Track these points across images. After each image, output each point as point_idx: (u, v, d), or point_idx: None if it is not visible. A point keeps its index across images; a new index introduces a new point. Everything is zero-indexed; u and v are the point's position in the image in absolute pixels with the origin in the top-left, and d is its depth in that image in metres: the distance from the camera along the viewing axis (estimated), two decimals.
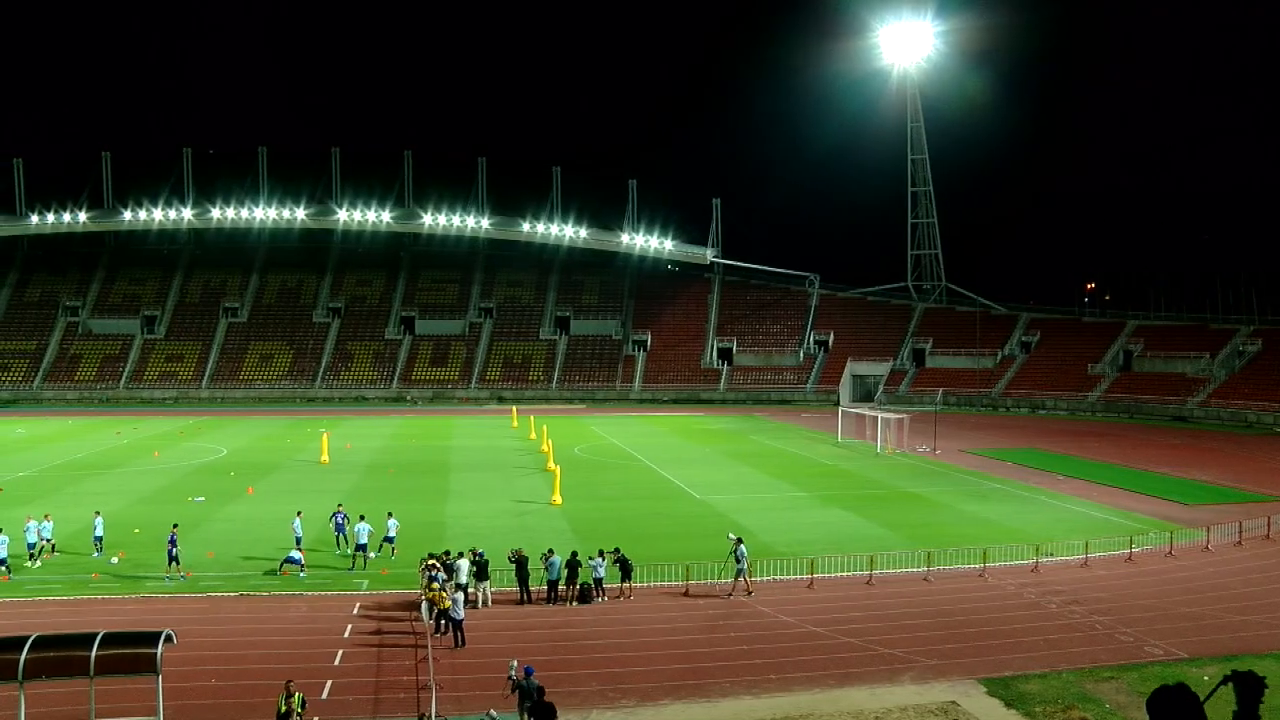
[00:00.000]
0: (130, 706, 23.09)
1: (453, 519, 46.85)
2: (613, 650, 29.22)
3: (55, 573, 37.24)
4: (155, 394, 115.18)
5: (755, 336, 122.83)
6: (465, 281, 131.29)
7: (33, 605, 33.17)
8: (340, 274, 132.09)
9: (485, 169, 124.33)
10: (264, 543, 40.88)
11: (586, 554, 34.56)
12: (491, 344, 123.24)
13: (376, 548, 38.61)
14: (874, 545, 40.10)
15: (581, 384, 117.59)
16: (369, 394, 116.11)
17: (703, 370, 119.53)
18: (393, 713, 24.76)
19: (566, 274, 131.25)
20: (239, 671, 27.26)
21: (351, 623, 31.34)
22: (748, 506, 50.11)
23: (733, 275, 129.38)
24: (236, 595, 34.37)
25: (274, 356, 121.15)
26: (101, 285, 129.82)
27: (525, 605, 33.21)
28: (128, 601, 33.64)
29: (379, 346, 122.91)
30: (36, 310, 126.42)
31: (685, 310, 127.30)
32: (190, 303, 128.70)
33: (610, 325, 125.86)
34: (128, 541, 41.23)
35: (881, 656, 28.39)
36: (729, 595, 34.04)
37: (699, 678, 26.88)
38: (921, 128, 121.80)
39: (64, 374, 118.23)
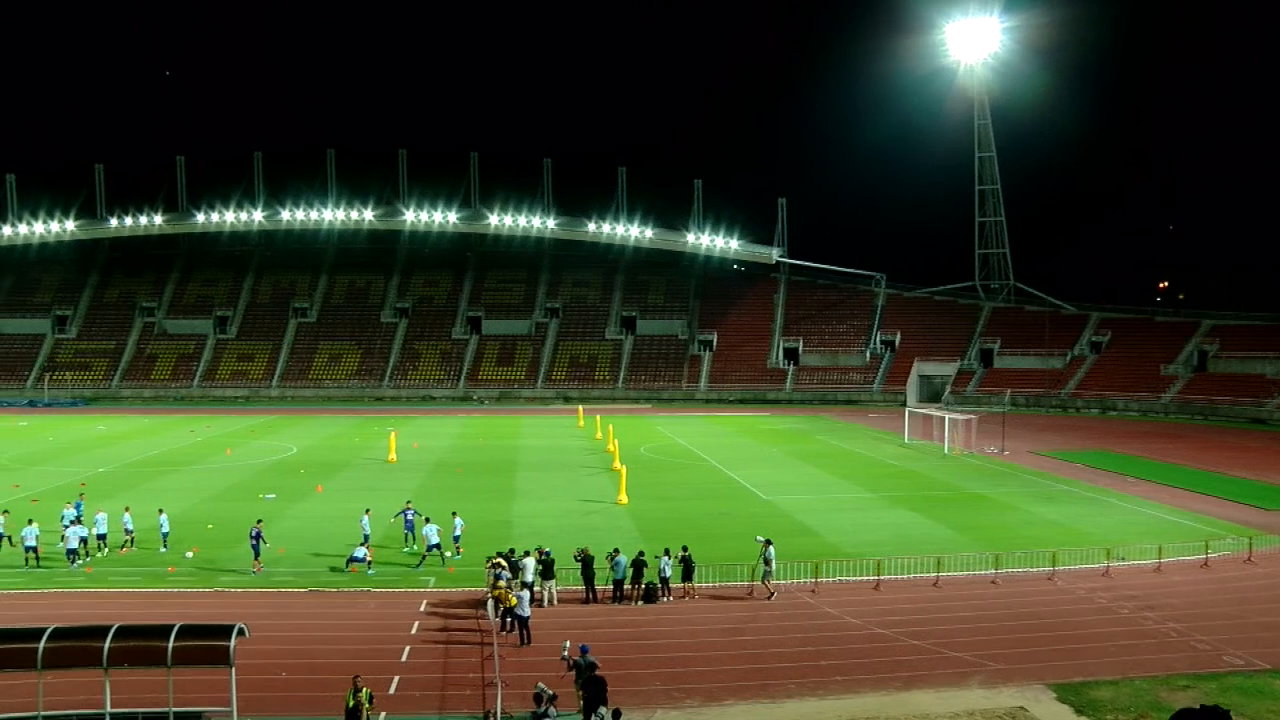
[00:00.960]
0: (205, 697, 23.55)
1: (519, 518, 47.13)
2: (677, 650, 29.22)
3: (135, 565, 38.18)
4: (227, 393, 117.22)
5: (821, 336, 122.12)
6: (531, 281, 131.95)
7: (114, 596, 34.07)
8: (407, 274, 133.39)
9: (551, 170, 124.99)
10: (333, 540, 41.42)
11: (652, 553, 34.61)
12: (558, 344, 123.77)
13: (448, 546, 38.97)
14: (941, 547, 39.73)
15: (647, 384, 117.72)
16: (436, 393, 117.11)
17: (768, 370, 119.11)
18: (458, 709, 24.98)
19: (632, 274, 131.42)
20: (309, 665, 27.67)
21: (418, 620, 31.66)
22: (813, 507, 49.88)
23: (799, 275, 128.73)
24: (306, 591, 34.90)
25: (342, 356, 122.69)
26: (176, 287, 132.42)
27: (590, 604, 33.34)
28: (202, 595, 34.34)
29: (446, 346, 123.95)
30: (115, 311, 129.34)
31: (751, 310, 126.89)
32: (261, 303, 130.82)
33: (676, 325, 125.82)
34: (201, 537, 42.03)
35: (949, 660, 28.11)
36: (769, 596, 33.97)
37: (763, 678, 26.82)
38: (989, 125, 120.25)
39: (141, 373, 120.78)
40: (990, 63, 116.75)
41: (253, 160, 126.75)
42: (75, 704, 23.43)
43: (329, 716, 23.53)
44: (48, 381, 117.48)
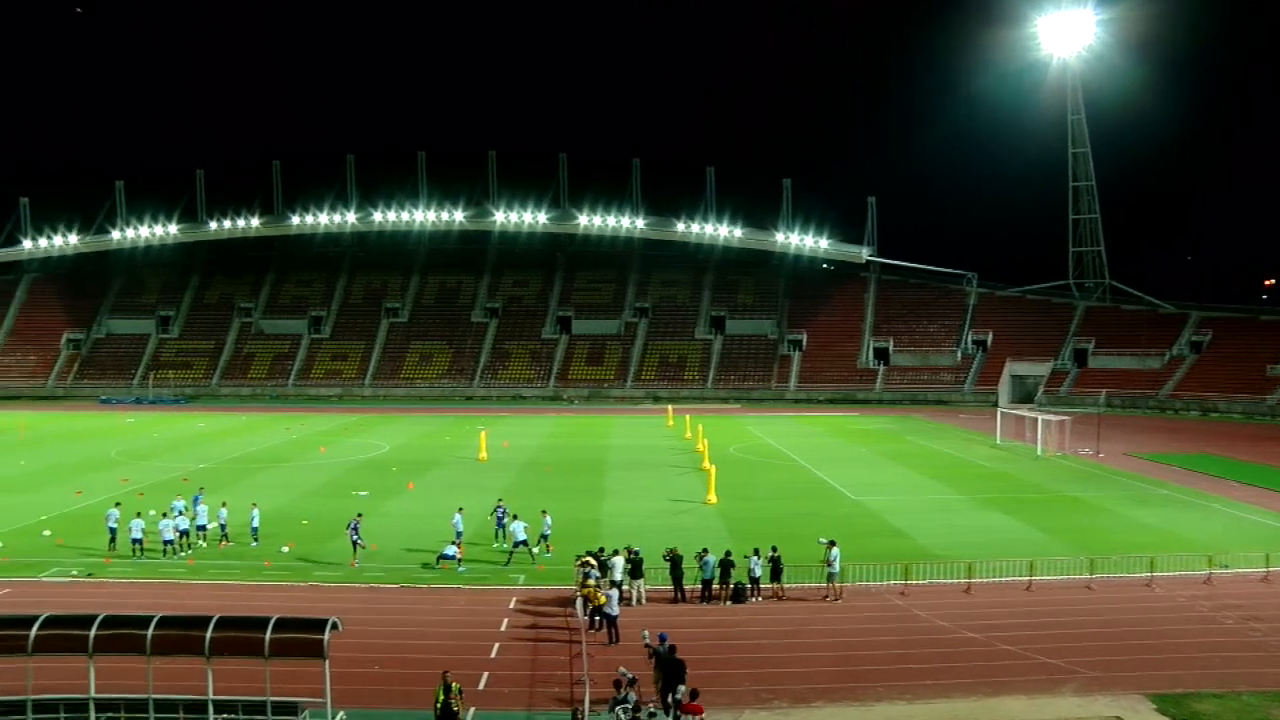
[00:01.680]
0: (300, 688, 24.06)
1: (608, 517, 47.40)
2: (765, 650, 29.20)
3: (233, 559, 39.24)
4: (321, 391, 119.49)
5: (912, 336, 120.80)
6: (621, 281, 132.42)
7: (213, 588, 35.11)
8: (498, 275, 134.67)
9: (639, 170, 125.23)
10: (424, 537, 42.05)
11: (740, 553, 34.60)
12: (647, 343, 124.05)
13: (536, 543, 39.37)
14: (1033, 550, 39.07)
15: (737, 383, 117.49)
16: (526, 393, 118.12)
17: (858, 370, 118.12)
18: (546, 706, 25.25)
19: (721, 273, 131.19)
20: (400, 660, 28.19)
21: (508, 617, 32.04)
22: (903, 508, 49.43)
23: (889, 274, 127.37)
24: (398, 587, 35.55)
25: (433, 356, 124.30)
26: (272, 287, 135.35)
27: (679, 604, 33.44)
28: (297, 589, 35.15)
29: (536, 346, 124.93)
30: (215, 312, 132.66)
31: (841, 309, 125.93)
32: (354, 303, 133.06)
33: (766, 325, 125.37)
34: (296, 533, 42.98)
35: (1041, 666, 27.69)
36: (836, 598, 33.91)
37: (852, 680, 26.70)
38: (1083, 120, 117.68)
39: (238, 372, 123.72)
40: (1084, 56, 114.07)
41: (345, 163, 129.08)
42: (180, 689, 24.18)
43: (419, 710, 23.93)
44: (152, 380, 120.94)
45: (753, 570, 33.88)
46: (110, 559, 38.94)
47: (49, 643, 23.82)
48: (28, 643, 23.63)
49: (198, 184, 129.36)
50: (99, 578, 36.70)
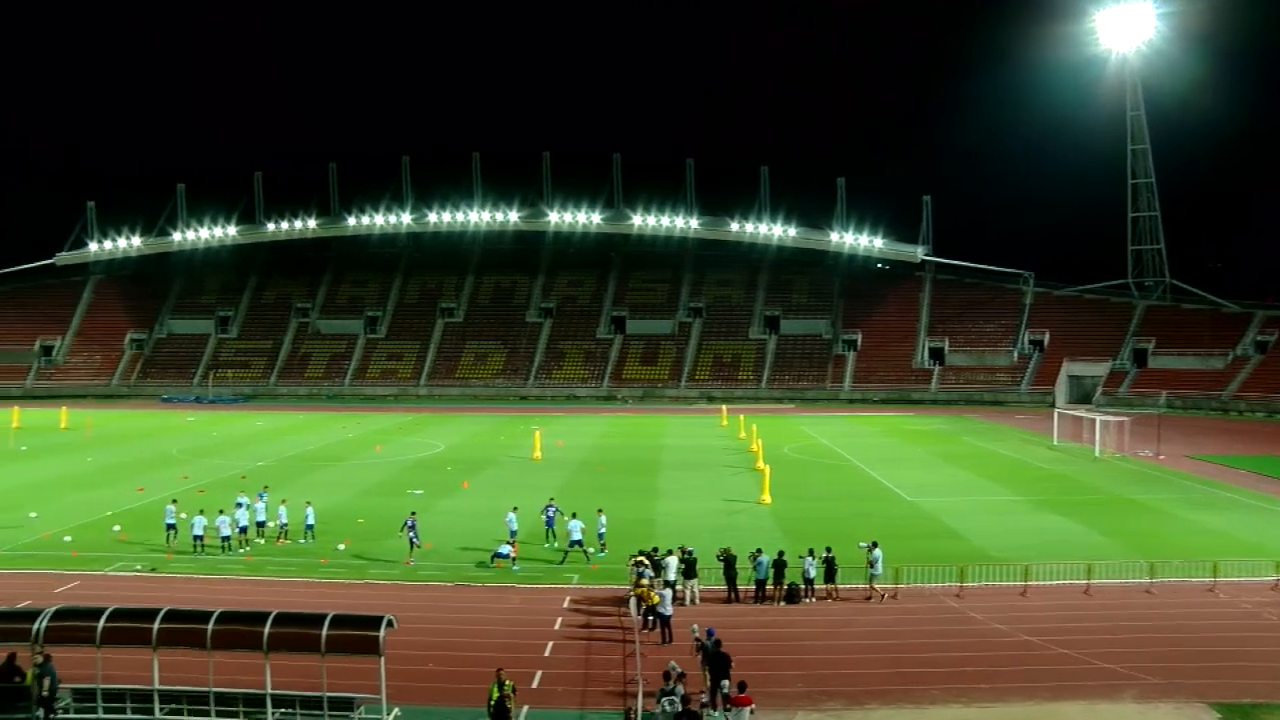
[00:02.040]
0: (355, 684, 24.35)
1: (662, 517, 47.47)
2: (819, 651, 29.13)
3: (290, 556, 39.77)
4: (377, 391, 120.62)
5: (967, 336, 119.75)
6: (675, 281, 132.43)
7: (271, 584, 35.62)
8: (552, 275, 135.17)
9: (693, 170, 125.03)
10: (479, 535, 42.31)
11: (794, 554, 34.52)
12: (701, 343, 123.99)
13: (592, 543, 39.51)
14: (1091, 553, 38.58)
15: (791, 383, 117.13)
16: (580, 393, 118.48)
17: (913, 370, 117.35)
18: (600, 705, 25.35)
19: (775, 273, 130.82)
20: (454, 658, 28.42)
21: (562, 616, 32.20)
22: (959, 509, 49.05)
23: (944, 273, 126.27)
24: (453, 585, 35.84)
25: (488, 355, 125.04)
26: (328, 288, 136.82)
27: (733, 604, 33.44)
28: (353, 586, 35.55)
29: (590, 346, 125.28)
30: (272, 312, 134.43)
31: (895, 309, 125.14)
32: (409, 304, 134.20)
33: (820, 325, 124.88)
34: (352, 531, 43.44)
35: (1100, 671, 27.35)
36: (879, 599, 33.80)
37: (907, 683, 26.54)
38: (1142, 116, 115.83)
39: (296, 371, 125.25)
40: (1144, 51, 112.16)
41: (401, 164, 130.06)
42: (239, 683, 24.61)
43: (473, 708, 24.10)
44: (212, 379, 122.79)
45: (807, 571, 33.79)
46: (172, 554, 39.62)
47: (115, 635, 24.48)
48: (96, 634, 24.30)
49: (256, 186, 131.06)
50: (161, 573, 37.37)
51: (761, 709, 24.14)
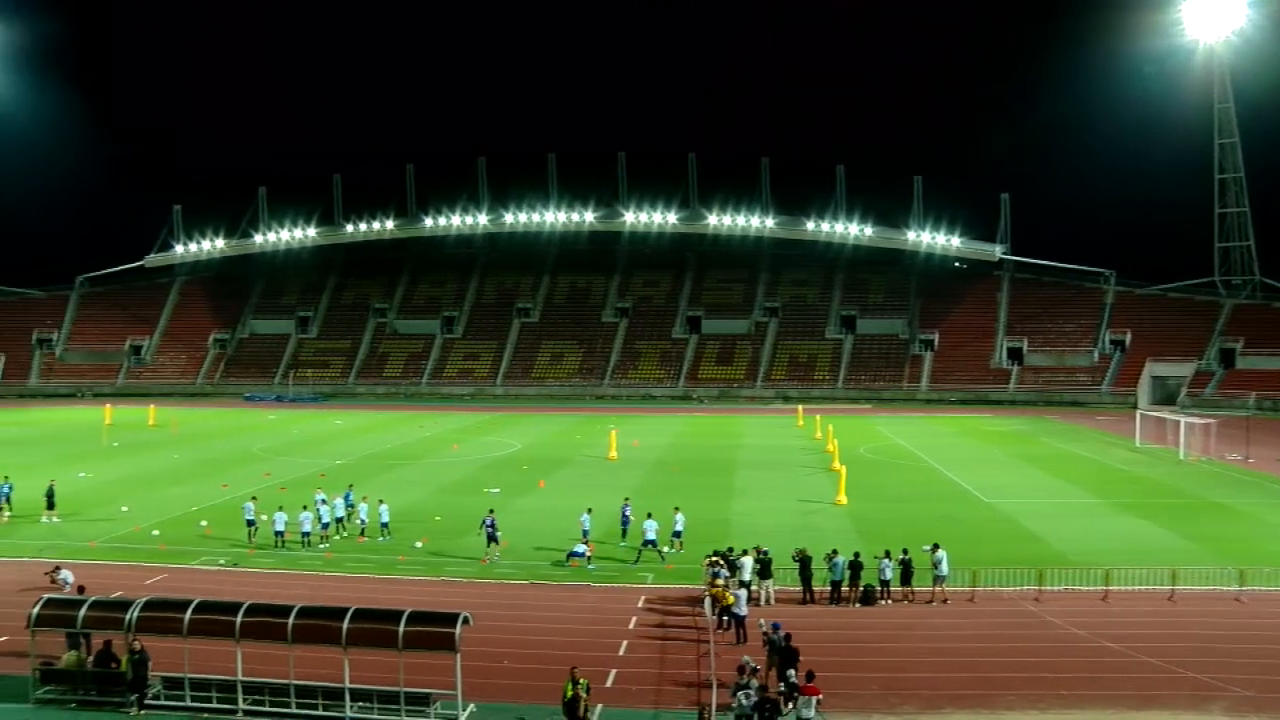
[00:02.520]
0: (431, 680, 24.71)
1: (737, 516, 47.41)
2: (894, 654, 28.90)
3: (369, 552, 40.35)
4: (454, 390, 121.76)
5: (1046, 335, 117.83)
6: (750, 281, 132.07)
7: (349, 581, 36.23)
8: (628, 275, 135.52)
9: (768, 169, 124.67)
10: (554, 534, 42.59)
11: (870, 555, 34.30)
12: (777, 343, 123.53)
13: (666, 542, 39.56)
14: (1176, 559, 37.72)
15: (867, 383, 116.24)
16: (656, 392, 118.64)
17: (991, 370, 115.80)
18: (673, 704, 25.40)
19: (851, 272, 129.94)
20: (529, 655, 28.61)
21: (636, 615, 32.31)
22: (1037, 511, 48.35)
23: (1022, 272, 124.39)
24: (528, 583, 36.11)
25: (564, 355, 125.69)
26: (406, 288, 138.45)
27: (808, 605, 33.29)
28: (430, 583, 36.01)
29: (666, 346, 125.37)
30: (351, 312, 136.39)
31: (973, 308, 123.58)
32: (486, 304, 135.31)
33: (896, 324, 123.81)
34: (429, 528, 43.94)
35: (1186, 681, 26.68)
36: (945, 603, 33.42)
37: (983, 688, 26.23)
38: (1230, 109, 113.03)
39: (374, 371, 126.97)
40: (1233, 41, 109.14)
41: (477, 165, 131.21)
42: (317, 677, 25.10)
43: (547, 705, 24.31)
44: (292, 378, 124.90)
45: (883, 573, 33.57)
46: (254, 550, 40.43)
47: (200, 626, 25.30)
48: (183, 625, 25.09)
49: (335, 188, 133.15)
50: (243, 567, 38.17)
51: (835, 711, 24.08)
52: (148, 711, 25.00)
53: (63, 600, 27.76)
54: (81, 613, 25.97)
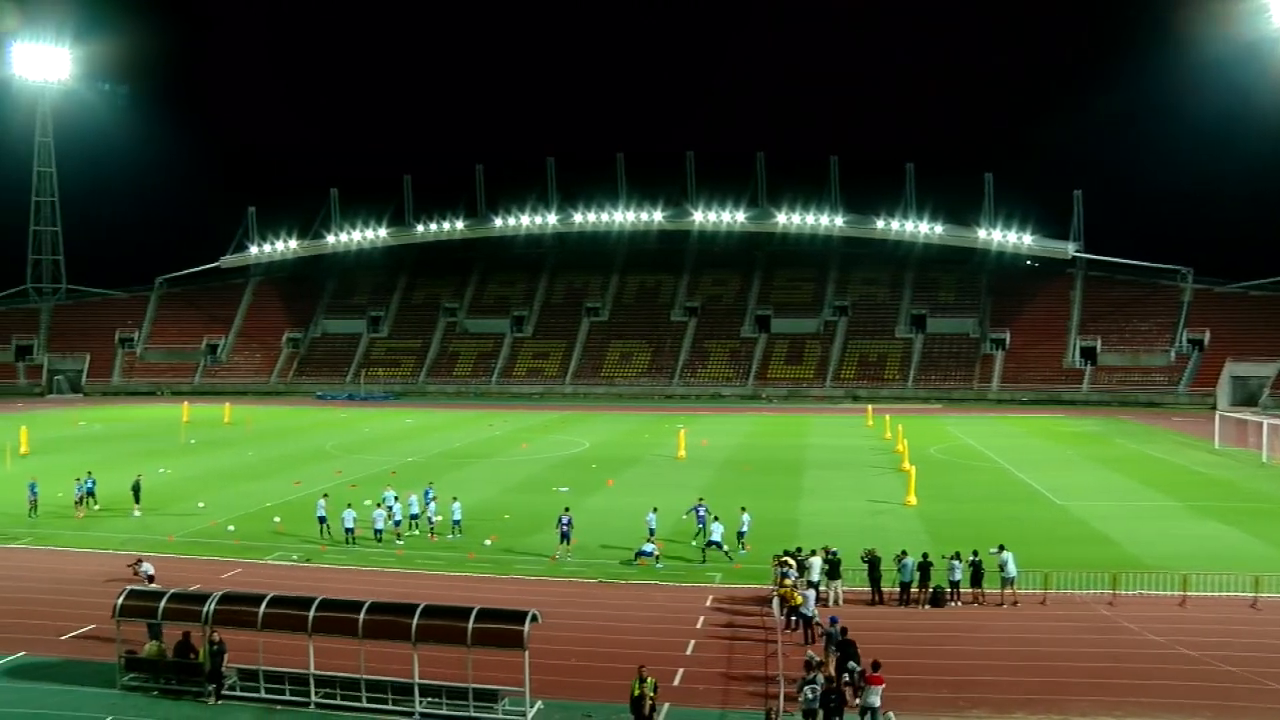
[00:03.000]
0: (499, 676, 24.94)
1: (806, 516, 47.21)
2: (964, 657, 28.61)
3: (439, 550, 40.81)
4: (523, 389, 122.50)
5: (1121, 335, 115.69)
6: (819, 280, 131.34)
7: (419, 577, 36.60)
8: (696, 274, 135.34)
9: (837, 167, 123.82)
10: (622, 533, 42.71)
11: (939, 556, 33.99)
12: (846, 342, 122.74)
13: (732, 541, 39.54)
14: (1259, 565, 36.78)
15: (937, 383, 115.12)
16: (725, 391, 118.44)
17: (1064, 370, 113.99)
18: (741, 704, 25.37)
19: (922, 271, 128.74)
20: (597, 653, 28.76)
21: (704, 614, 32.30)
22: (1112, 514, 47.55)
23: (1096, 270, 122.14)
24: (597, 582, 36.25)
25: (633, 354, 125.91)
26: (476, 288, 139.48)
27: (877, 606, 33.08)
28: (498, 581, 36.30)
29: (735, 345, 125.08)
30: (421, 312, 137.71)
31: (1045, 307, 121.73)
32: (555, 303, 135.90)
33: (967, 323, 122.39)
34: (499, 527, 44.27)
35: (1270, 692, 25.94)
36: (1014, 605, 32.96)
37: (1055, 692, 25.83)
38: None
39: (444, 370, 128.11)
40: None
41: (546, 166, 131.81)
42: (387, 671, 25.42)
43: (615, 704, 24.40)
44: (363, 377, 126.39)
45: (952, 574, 33.24)
46: (326, 546, 41.02)
47: (274, 620, 25.82)
48: (257, 619, 25.57)
49: (405, 189, 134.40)
50: (315, 563, 38.75)
51: (904, 714, 23.93)
52: (224, 702, 25.53)
53: (144, 592, 28.50)
54: (162, 604, 26.64)
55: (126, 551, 38.74)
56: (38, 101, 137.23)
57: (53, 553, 40.71)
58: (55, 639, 30.03)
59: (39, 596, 34.10)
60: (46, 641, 29.79)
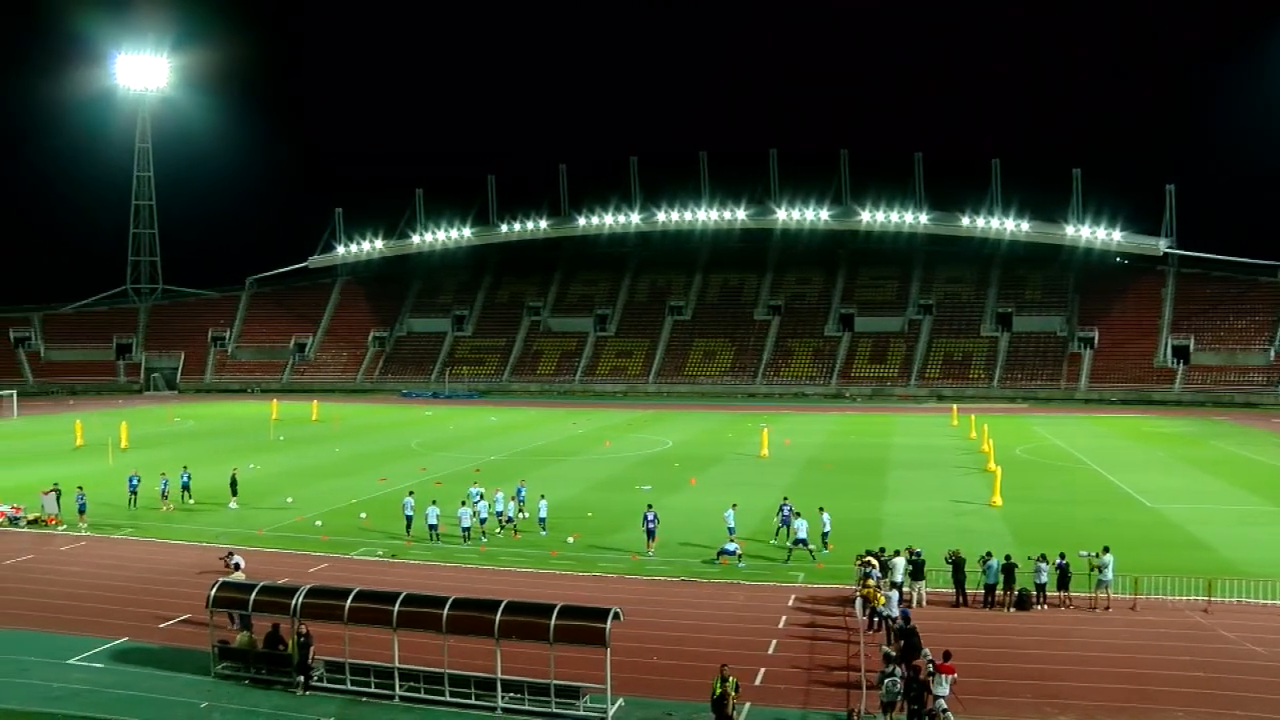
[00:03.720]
0: (580, 674, 25.10)
1: (889, 516, 46.82)
2: (1050, 661, 28.08)
3: (522, 547, 41.07)
4: (606, 387, 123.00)
5: (1215, 333, 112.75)
6: (903, 278, 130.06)
7: (502, 574, 36.94)
8: (780, 272, 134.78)
9: (921, 164, 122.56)
10: (704, 532, 42.67)
11: (1025, 558, 33.48)
12: (931, 341, 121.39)
13: (817, 541, 39.35)
14: None
15: (1024, 383, 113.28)
16: (808, 390, 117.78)
17: (1155, 369, 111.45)
18: (822, 705, 25.22)
19: (1007, 269, 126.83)
20: (678, 652, 28.76)
21: (786, 614, 32.17)
22: (1206, 518, 46.41)
23: (1189, 266, 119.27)
24: (679, 580, 36.26)
25: (716, 353, 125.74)
26: (559, 287, 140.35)
27: (960, 608, 32.69)
28: (581, 578, 36.47)
29: (818, 344, 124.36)
30: (505, 310, 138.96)
31: (1135, 305, 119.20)
32: (638, 302, 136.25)
33: (1054, 321, 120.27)
34: (581, 525, 44.49)
35: None
36: (1101, 609, 32.31)
37: (1145, 701, 25.20)
38: None
39: (527, 368, 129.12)
40: None
41: (629, 165, 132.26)
42: (469, 667, 25.72)
43: (695, 702, 24.41)
44: (448, 375, 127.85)
45: (1039, 577, 32.70)
46: (410, 542, 41.58)
47: (359, 614, 26.31)
48: (343, 612, 26.05)
49: (489, 189, 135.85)
50: (400, 559, 39.29)
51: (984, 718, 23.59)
52: (312, 693, 26.03)
53: (236, 584, 29.20)
54: (252, 596, 27.27)
55: (219, 545, 39.64)
56: (138, 109, 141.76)
57: (151, 544, 41.88)
58: (154, 626, 31.04)
59: (139, 585, 35.18)
60: (146, 629, 30.80)
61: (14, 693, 25.86)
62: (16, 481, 54.56)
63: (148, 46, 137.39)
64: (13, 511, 45.76)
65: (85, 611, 32.42)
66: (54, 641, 29.62)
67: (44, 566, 38.55)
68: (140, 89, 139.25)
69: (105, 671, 27.36)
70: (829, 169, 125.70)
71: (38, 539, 43.16)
